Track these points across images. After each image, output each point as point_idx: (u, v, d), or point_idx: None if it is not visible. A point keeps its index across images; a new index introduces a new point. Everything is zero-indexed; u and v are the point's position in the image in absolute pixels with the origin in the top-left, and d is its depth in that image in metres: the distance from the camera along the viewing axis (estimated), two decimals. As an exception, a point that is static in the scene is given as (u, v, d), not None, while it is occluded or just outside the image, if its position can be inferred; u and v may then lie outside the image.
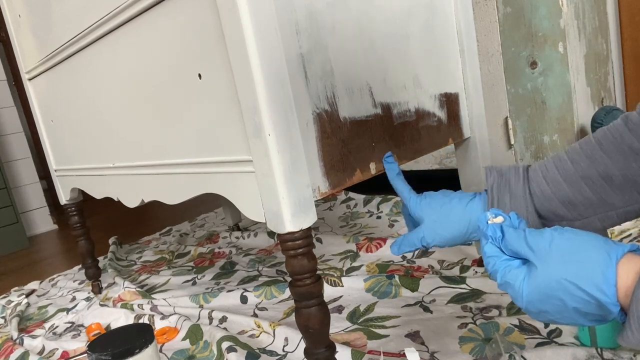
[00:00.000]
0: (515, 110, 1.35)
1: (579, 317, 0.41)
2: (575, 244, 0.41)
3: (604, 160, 0.52)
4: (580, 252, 0.40)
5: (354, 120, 0.69)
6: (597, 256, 0.39)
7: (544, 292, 0.41)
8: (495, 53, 1.34)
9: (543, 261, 0.41)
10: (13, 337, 1.14)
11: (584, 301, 0.39)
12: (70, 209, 1.31)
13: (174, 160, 0.78)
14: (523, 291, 0.42)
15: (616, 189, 0.52)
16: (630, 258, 0.38)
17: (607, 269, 0.38)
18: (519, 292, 0.43)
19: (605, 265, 0.38)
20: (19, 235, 2.46)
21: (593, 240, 0.41)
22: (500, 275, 0.45)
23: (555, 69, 1.27)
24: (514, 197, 0.57)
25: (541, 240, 0.42)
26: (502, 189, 0.58)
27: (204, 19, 0.62)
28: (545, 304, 0.41)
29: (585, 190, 0.53)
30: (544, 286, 0.41)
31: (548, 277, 0.40)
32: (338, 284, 1.04)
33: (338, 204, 1.72)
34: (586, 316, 0.40)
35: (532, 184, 0.57)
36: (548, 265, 0.41)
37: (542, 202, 0.56)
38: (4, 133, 2.68)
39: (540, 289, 0.41)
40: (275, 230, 0.61)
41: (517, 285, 0.43)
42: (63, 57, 1.03)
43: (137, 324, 0.71)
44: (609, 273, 0.38)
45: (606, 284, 0.38)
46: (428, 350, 0.75)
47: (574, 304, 0.40)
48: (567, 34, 1.25)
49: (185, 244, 1.72)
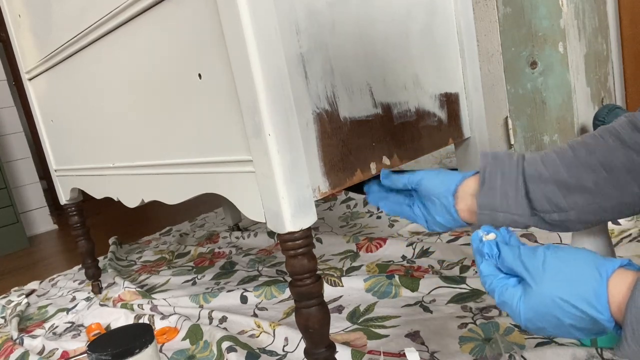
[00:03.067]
0: (515, 110, 1.35)
1: (576, 332, 0.42)
2: (567, 262, 0.42)
3: (605, 152, 0.52)
4: (572, 271, 0.41)
5: (354, 120, 0.69)
6: (588, 274, 0.40)
7: (540, 310, 0.42)
8: (495, 53, 1.34)
9: (537, 281, 0.42)
10: (13, 337, 1.14)
11: (578, 318, 0.40)
12: (70, 209, 1.31)
13: (174, 160, 0.78)
14: (520, 310, 0.43)
15: (614, 179, 0.51)
16: (621, 273, 0.39)
17: (598, 287, 0.39)
18: (517, 311, 0.44)
19: (596, 283, 0.39)
20: (19, 235, 2.46)
21: (584, 258, 0.42)
22: (497, 294, 0.45)
23: (555, 69, 1.26)
24: (505, 178, 0.56)
25: (534, 259, 0.43)
26: (494, 170, 0.57)
27: (204, 18, 0.62)
28: (542, 321, 0.42)
29: (582, 176, 0.53)
30: (539, 305, 0.42)
31: (542, 297, 0.41)
32: (338, 284, 1.04)
33: (338, 204, 1.72)
34: (584, 331, 0.41)
35: (528, 167, 0.56)
36: (542, 285, 0.42)
37: (536, 186, 0.55)
38: (4, 133, 2.68)
39: (536, 308, 0.42)
40: (275, 230, 0.61)
41: (515, 304, 0.44)
42: (63, 57, 1.03)
43: (137, 324, 0.71)
44: (600, 290, 0.39)
45: (598, 301, 0.39)
46: (428, 350, 0.75)
47: (570, 321, 0.41)
48: (567, 34, 1.25)
49: (185, 244, 1.72)
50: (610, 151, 0.52)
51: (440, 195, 0.61)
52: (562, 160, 0.54)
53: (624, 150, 0.51)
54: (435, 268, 1.04)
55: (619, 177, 0.51)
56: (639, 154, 0.50)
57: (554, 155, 0.56)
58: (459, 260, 1.05)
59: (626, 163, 0.51)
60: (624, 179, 0.51)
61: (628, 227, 1.01)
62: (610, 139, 0.52)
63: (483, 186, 0.57)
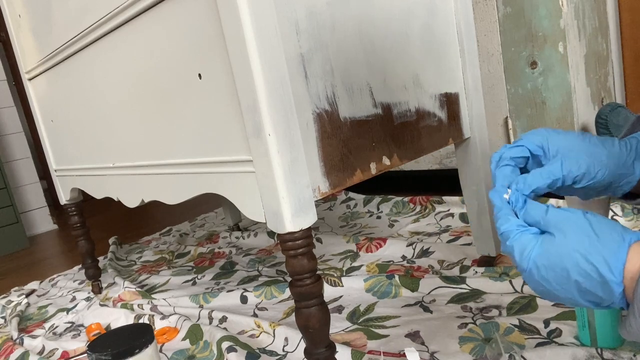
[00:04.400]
0: (515, 110, 1.35)
1: (577, 293, 0.41)
2: (593, 223, 0.42)
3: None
4: (596, 229, 0.41)
5: (354, 120, 0.69)
6: (611, 235, 0.40)
7: (552, 259, 0.41)
8: (495, 53, 1.34)
9: (561, 232, 0.42)
10: (13, 337, 1.14)
11: (587, 275, 0.39)
12: (70, 209, 1.31)
13: (174, 160, 0.78)
14: (532, 254, 0.42)
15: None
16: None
17: (618, 249, 0.39)
18: (527, 255, 0.43)
19: (617, 246, 0.39)
20: (19, 235, 2.46)
21: (610, 223, 0.42)
22: (513, 235, 0.44)
23: (555, 69, 1.27)
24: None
25: (562, 215, 0.43)
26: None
27: (204, 19, 0.62)
28: (549, 271, 0.42)
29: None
30: (553, 252, 0.41)
31: (561, 246, 0.41)
32: (338, 284, 1.04)
33: (338, 204, 1.72)
34: (585, 294, 0.41)
35: None
36: (564, 236, 0.41)
37: None
38: (4, 133, 2.68)
39: (550, 254, 0.41)
40: (275, 230, 0.61)
41: (528, 248, 0.43)
42: (63, 57, 1.03)
43: (137, 324, 0.71)
44: (620, 252, 0.39)
45: (615, 261, 0.38)
46: (428, 350, 0.75)
47: (578, 278, 0.40)
48: (567, 34, 1.25)
49: (185, 244, 1.72)
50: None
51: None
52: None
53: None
54: (435, 268, 1.04)
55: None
56: None
57: None
58: (459, 260, 1.05)
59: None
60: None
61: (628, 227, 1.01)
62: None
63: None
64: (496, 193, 0.47)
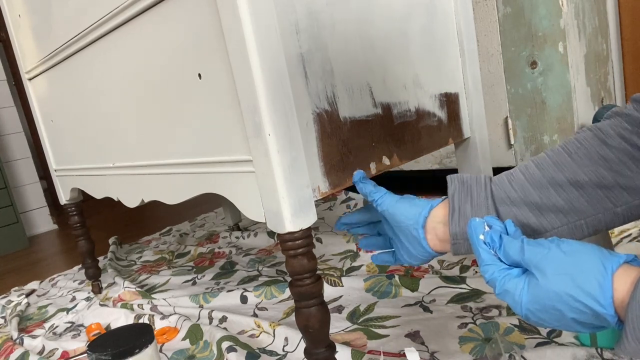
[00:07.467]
0: (515, 110, 1.35)
1: (577, 326, 0.41)
2: (572, 255, 0.41)
3: (572, 167, 0.51)
4: (577, 264, 0.40)
5: (354, 120, 0.69)
6: (593, 267, 0.39)
7: (543, 303, 0.41)
8: (495, 53, 1.34)
9: (541, 272, 0.42)
10: (13, 337, 1.14)
11: (581, 312, 0.40)
12: (70, 209, 1.31)
13: (174, 160, 0.78)
14: (522, 300, 0.43)
15: (586, 196, 0.51)
16: (626, 269, 0.39)
17: (603, 281, 0.38)
18: (519, 302, 0.43)
19: (601, 277, 0.39)
20: (19, 235, 2.46)
21: (590, 252, 0.41)
22: (499, 283, 0.45)
23: (555, 68, 1.27)
24: (474, 203, 0.55)
25: (539, 251, 0.43)
26: (463, 197, 0.56)
27: (204, 19, 0.62)
28: (543, 313, 0.42)
29: (553, 196, 0.52)
30: (542, 297, 0.41)
31: (547, 289, 0.41)
32: (338, 284, 1.04)
33: (338, 204, 1.72)
34: (585, 325, 0.41)
35: (497, 191, 0.55)
36: (546, 277, 0.41)
37: (508, 209, 0.54)
38: (4, 133, 2.68)
39: (539, 300, 0.42)
40: (275, 230, 0.61)
41: (517, 294, 0.43)
42: (63, 57, 1.03)
43: (137, 324, 0.71)
44: (605, 285, 0.38)
45: (602, 295, 0.38)
46: (428, 350, 0.75)
47: (572, 315, 0.40)
48: (567, 33, 1.25)
49: (185, 244, 1.72)
50: (577, 167, 0.51)
51: (410, 227, 0.58)
52: (530, 180, 0.54)
53: (591, 164, 0.50)
54: (435, 268, 1.04)
55: (589, 194, 0.51)
56: (605, 167, 0.50)
57: (520, 175, 0.55)
58: (459, 260, 1.05)
59: (594, 178, 0.50)
60: (594, 195, 0.50)
61: (628, 227, 1.01)
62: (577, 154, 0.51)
63: (454, 214, 0.55)
64: (473, 231, 0.47)
